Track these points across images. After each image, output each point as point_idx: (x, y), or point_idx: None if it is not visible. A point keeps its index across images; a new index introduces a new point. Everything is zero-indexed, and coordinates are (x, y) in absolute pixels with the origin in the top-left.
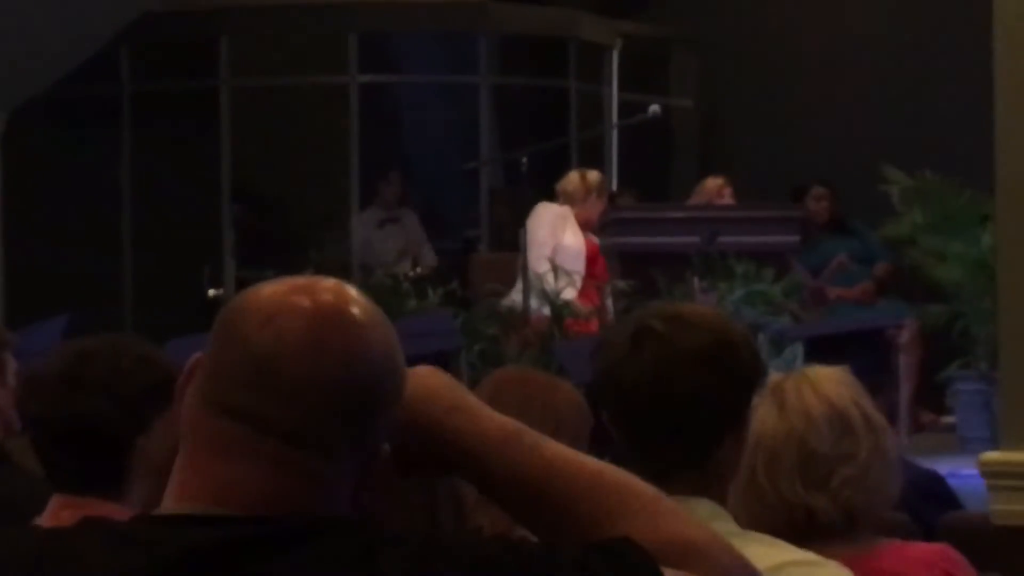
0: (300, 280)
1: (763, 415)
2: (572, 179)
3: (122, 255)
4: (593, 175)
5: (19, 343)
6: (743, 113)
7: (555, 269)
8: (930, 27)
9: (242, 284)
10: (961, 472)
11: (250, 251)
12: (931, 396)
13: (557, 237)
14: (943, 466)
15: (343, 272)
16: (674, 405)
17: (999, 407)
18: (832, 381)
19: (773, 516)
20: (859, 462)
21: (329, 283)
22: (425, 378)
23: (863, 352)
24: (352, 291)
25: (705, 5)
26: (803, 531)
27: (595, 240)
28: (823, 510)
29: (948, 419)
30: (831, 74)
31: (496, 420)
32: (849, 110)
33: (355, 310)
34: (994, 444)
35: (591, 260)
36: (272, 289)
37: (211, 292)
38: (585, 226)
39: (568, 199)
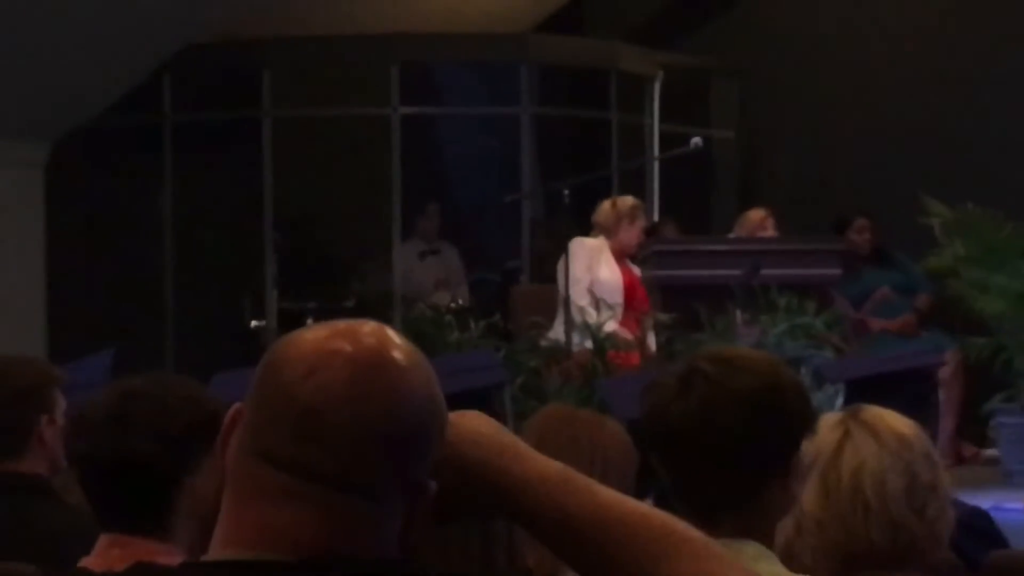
0: (340, 325)
1: (859, 443)
2: (603, 209)
3: (164, 285)
4: (624, 201)
5: (67, 379)
6: (784, 144)
7: (596, 303)
8: (972, 59)
9: (284, 315)
10: (1004, 506)
11: (292, 282)
12: (973, 429)
13: (593, 272)
14: (986, 500)
15: (385, 303)
16: (721, 447)
17: None
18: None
19: (866, 542)
20: (942, 495)
21: (369, 327)
22: (473, 421)
23: (905, 388)
24: (392, 334)
25: (746, 36)
26: (888, 556)
27: (634, 269)
28: (923, 538)
29: (991, 452)
30: (872, 105)
31: (544, 463)
32: (891, 142)
33: (397, 354)
34: None
35: (630, 290)
36: (313, 336)
37: (253, 323)
38: (621, 255)
39: (602, 229)
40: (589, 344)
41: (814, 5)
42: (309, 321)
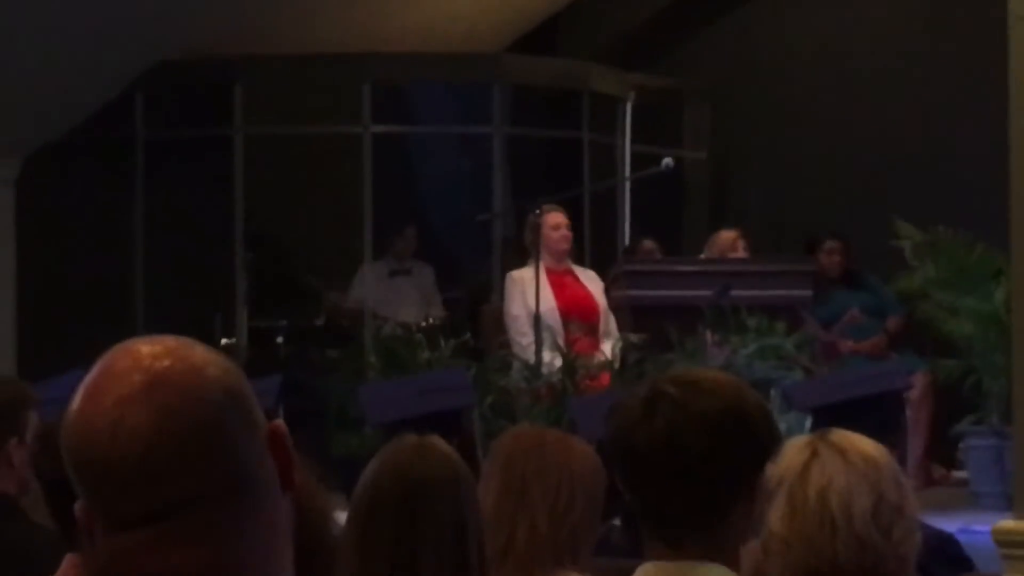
0: (88, 381)
1: (827, 462)
2: (526, 233)
3: (134, 301)
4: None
5: (39, 397)
6: (756, 165)
7: (539, 335)
8: (944, 82)
9: (254, 333)
10: (973, 528)
11: (262, 299)
12: (943, 451)
13: (528, 305)
14: (955, 521)
15: (355, 321)
16: (685, 470)
17: (1015, 472)
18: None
19: (832, 561)
20: (909, 517)
21: (101, 373)
22: None
23: (872, 411)
24: (138, 348)
25: (718, 57)
26: None
27: (583, 279)
28: (889, 559)
29: (960, 474)
30: (844, 127)
31: None
32: (862, 164)
33: (155, 365)
34: (1006, 501)
35: (574, 305)
36: (74, 406)
37: (223, 341)
38: (560, 264)
39: (533, 252)
40: (558, 362)
41: (786, 28)
42: (279, 339)
